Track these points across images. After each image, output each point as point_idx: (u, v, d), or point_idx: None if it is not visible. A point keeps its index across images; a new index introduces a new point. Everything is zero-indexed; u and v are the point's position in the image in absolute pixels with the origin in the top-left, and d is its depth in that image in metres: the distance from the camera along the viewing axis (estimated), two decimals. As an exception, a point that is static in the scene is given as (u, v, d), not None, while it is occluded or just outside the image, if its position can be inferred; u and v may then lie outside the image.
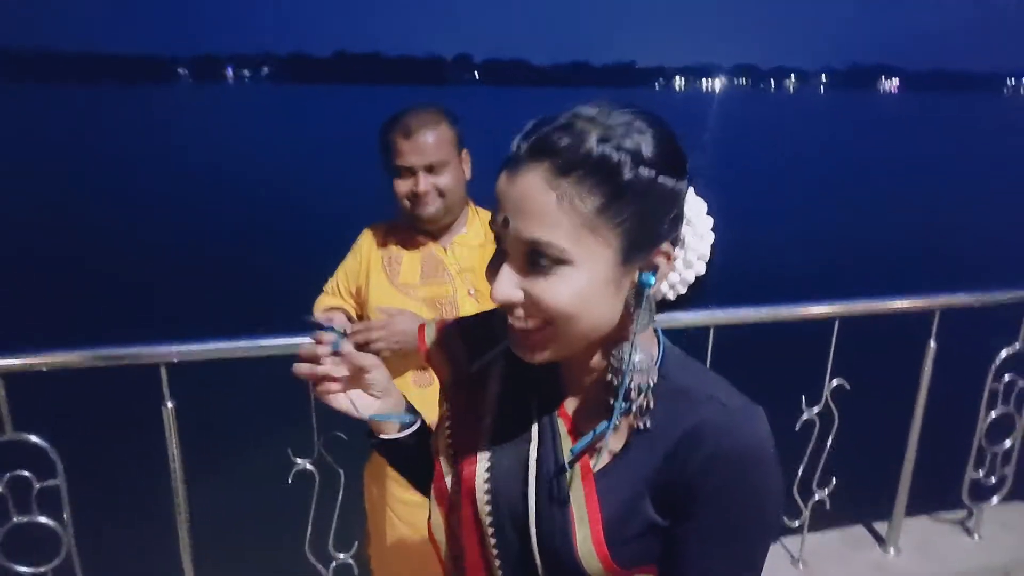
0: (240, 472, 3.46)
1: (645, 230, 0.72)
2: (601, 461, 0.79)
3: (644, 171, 0.69)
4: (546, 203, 0.69)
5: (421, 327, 0.99)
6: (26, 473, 1.69)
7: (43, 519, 1.74)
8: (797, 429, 2.18)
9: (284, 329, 1.82)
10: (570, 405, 0.85)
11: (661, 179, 0.71)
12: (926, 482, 2.47)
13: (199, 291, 8.14)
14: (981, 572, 2.45)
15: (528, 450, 0.83)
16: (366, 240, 1.84)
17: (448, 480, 0.90)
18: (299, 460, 1.88)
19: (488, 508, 0.85)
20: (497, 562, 0.86)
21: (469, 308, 1.70)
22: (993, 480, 2.49)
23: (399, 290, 1.74)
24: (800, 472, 2.26)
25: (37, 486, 1.71)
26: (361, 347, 1.63)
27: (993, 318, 2.37)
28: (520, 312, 0.74)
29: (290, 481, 1.87)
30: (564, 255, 0.69)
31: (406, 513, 1.80)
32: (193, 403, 1.81)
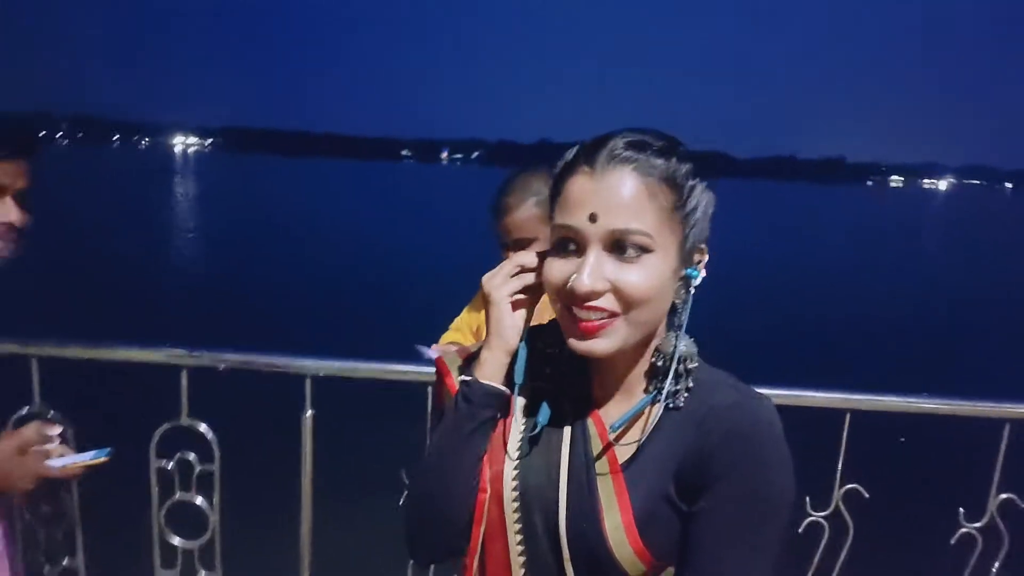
0: (360, 483, 3.69)
1: (697, 229, 0.84)
2: (627, 453, 0.86)
3: (700, 181, 0.83)
4: (637, 196, 0.79)
5: (440, 360, 1.02)
6: (191, 457, 1.98)
7: (199, 500, 2.00)
8: (952, 543, 1.89)
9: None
10: (601, 409, 0.90)
11: (707, 189, 0.85)
12: None
13: (369, 324, 9.41)
14: None
15: (560, 449, 0.89)
16: None
17: (488, 480, 0.93)
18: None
19: (516, 506, 0.89)
20: (521, 559, 0.89)
21: None
22: None
23: None
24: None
25: (197, 469, 1.98)
26: None
27: None
28: (597, 302, 0.80)
29: (401, 503, 1.98)
30: (650, 243, 0.79)
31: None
32: (328, 414, 2.01)
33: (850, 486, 1.87)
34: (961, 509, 1.89)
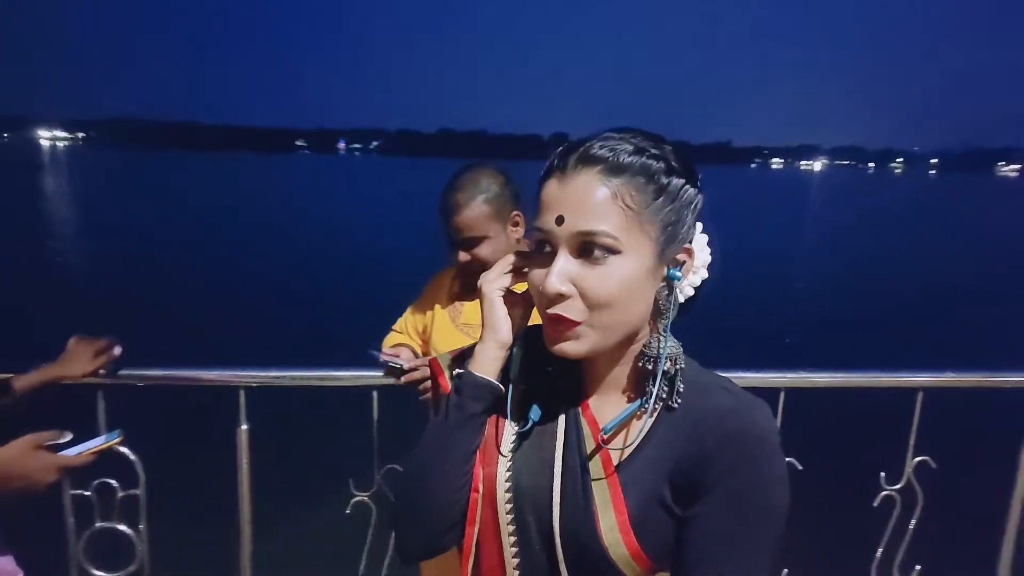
0: (303, 497, 3.55)
1: (676, 228, 0.83)
2: (621, 455, 0.85)
3: (676, 179, 0.82)
4: (601, 198, 0.79)
5: (434, 361, 1.02)
6: (112, 481, 1.83)
7: (122, 527, 1.86)
8: (875, 505, 2.03)
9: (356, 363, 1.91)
10: (593, 407, 0.90)
11: (687, 186, 0.83)
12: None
13: (291, 329, 8.75)
14: None
15: (554, 449, 0.88)
16: (434, 284, 1.94)
17: (481, 480, 0.91)
18: (357, 492, 1.93)
19: (509, 507, 0.88)
20: (515, 561, 0.88)
21: None
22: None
23: (460, 329, 1.81)
24: (879, 553, 2.09)
25: (120, 494, 1.84)
26: (419, 382, 1.70)
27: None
28: (566, 305, 0.80)
29: (348, 511, 1.92)
30: (616, 245, 0.79)
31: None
32: (266, 427, 1.91)
33: (786, 460, 1.96)
34: (882, 473, 2.04)
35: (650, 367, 0.85)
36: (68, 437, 1.40)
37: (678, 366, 0.86)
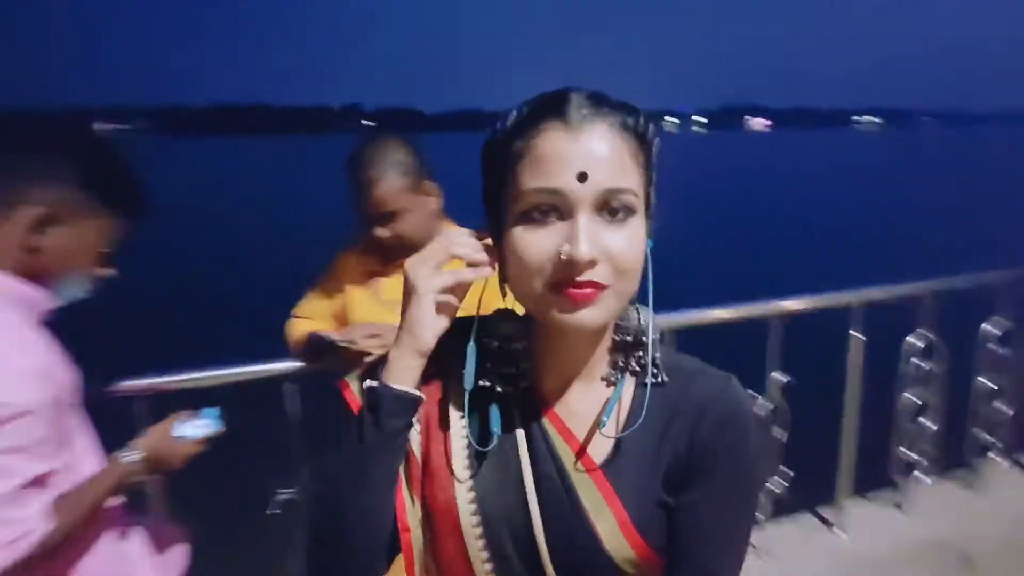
0: (222, 510, 3.22)
1: (655, 191, 0.78)
2: (601, 449, 0.79)
3: (658, 142, 0.77)
4: (622, 153, 0.72)
5: (340, 380, 0.85)
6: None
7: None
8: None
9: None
10: (556, 404, 0.82)
11: (660, 151, 0.78)
12: (866, 466, 2.59)
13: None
14: (917, 545, 2.53)
15: (519, 459, 0.79)
16: (342, 263, 1.83)
17: (410, 515, 0.80)
18: (282, 490, 1.82)
19: (479, 532, 0.78)
20: None
21: None
22: (916, 457, 2.63)
23: (384, 306, 1.73)
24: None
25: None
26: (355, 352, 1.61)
27: (902, 310, 2.57)
28: (594, 270, 0.70)
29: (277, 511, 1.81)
30: (636, 204, 0.72)
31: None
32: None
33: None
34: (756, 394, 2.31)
35: (629, 339, 0.81)
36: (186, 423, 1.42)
37: (656, 336, 0.80)
